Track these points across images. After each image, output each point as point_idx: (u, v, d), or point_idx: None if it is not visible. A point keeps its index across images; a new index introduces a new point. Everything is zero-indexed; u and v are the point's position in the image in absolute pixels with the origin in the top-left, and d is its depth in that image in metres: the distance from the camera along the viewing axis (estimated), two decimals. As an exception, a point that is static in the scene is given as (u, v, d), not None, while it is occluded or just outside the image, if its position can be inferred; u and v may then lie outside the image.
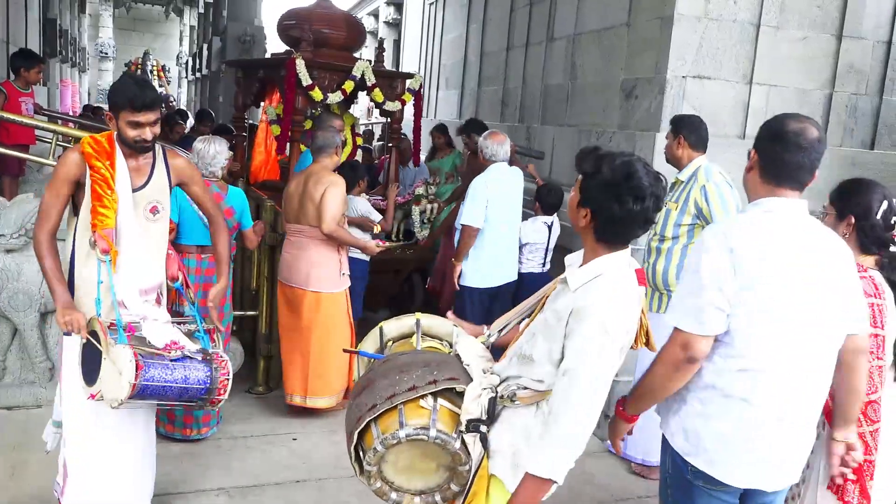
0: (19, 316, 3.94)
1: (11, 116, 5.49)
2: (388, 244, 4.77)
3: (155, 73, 24.28)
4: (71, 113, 13.73)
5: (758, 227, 1.96)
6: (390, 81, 5.70)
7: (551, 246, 4.74)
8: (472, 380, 2.00)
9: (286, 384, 4.21)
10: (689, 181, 3.67)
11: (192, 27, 23.63)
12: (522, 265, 4.73)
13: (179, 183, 2.91)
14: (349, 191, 4.35)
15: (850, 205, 2.39)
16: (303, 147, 5.19)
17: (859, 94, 4.90)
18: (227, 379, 2.60)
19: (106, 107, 18.16)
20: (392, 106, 5.64)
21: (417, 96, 5.88)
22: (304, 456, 3.77)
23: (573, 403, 1.80)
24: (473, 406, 1.94)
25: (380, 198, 5.51)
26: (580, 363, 1.80)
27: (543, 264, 4.76)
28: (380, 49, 6.15)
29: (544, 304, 2.03)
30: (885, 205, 2.36)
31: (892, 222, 2.38)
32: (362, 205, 4.80)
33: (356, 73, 5.36)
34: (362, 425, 1.94)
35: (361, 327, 3.66)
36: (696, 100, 4.50)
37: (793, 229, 1.97)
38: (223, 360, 2.63)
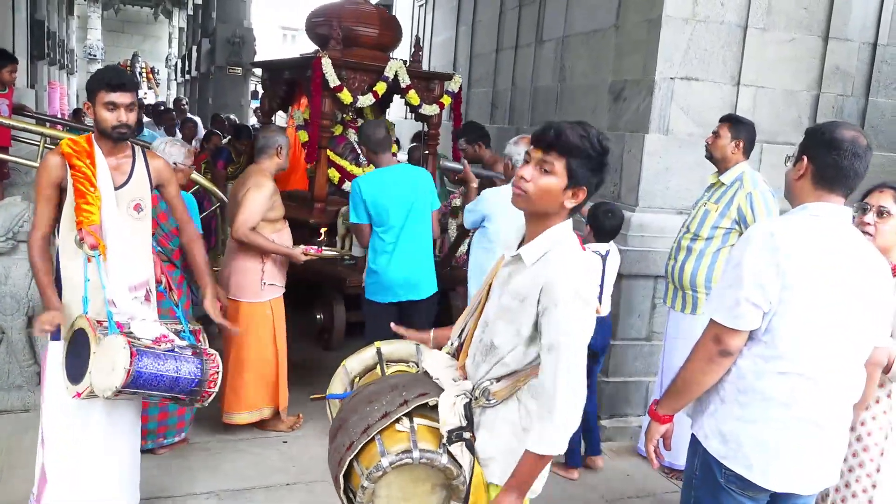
0: (7, 320, 3.92)
1: None
2: (322, 252, 4.05)
3: (144, 75, 24.17)
4: (59, 115, 13.64)
5: (805, 229, 1.97)
6: (427, 83, 5.21)
7: (609, 281, 3.77)
8: (443, 391, 1.96)
9: None
10: (732, 185, 3.66)
11: (181, 29, 23.54)
12: None
13: (158, 183, 2.91)
14: None
15: None
16: (331, 154, 4.86)
17: (846, 95, 4.93)
18: (217, 372, 2.60)
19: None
20: (429, 110, 5.18)
21: (457, 99, 5.39)
22: (294, 459, 3.75)
23: (566, 376, 1.79)
24: (450, 416, 1.90)
25: None
26: (565, 335, 1.79)
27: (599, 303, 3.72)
28: (416, 48, 5.55)
29: (489, 293, 2.01)
30: None
31: None
32: None
33: (388, 73, 4.91)
34: (345, 467, 1.87)
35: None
36: (685, 101, 4.51)
37: (837, 235, 1.98)
38: (212, 355, 2.63)
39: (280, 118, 7.24)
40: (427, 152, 5.53)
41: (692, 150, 4.38)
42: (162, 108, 12.95)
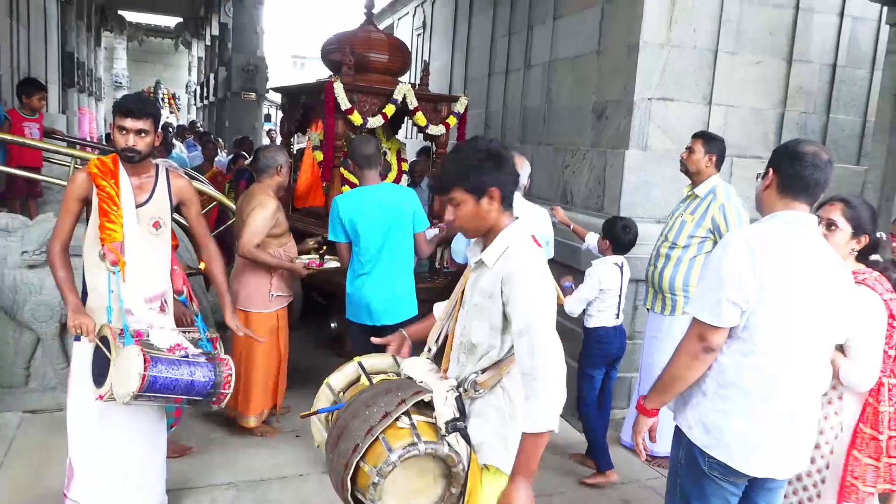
0: (41, 326, 3.92)
1: (11, 138, 5.38)
2: (323, 266, 3.93)
3: (166, 100, 24.21)
4: (88, 138, 13.67)
5: (777, 234, 2.00)
6: (434, 104, 5.12)
7: (624, 292, 3.74)
8: (432, 390, 1.97)
9: None
10: (706, 196, 3.67)
11: (199, 58, 23.59)
12: (592, 317, 3.70)
13: (179, 202, 2.86)
14: None
15: (864, 222, 2.43)
16: (344, 172, 4.76)
17: (808, 112, 4.96)
18: (231, 375, 2.58)
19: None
20: (435, 130, 5.06)
21: (462, 119, 5.26)
22: (308, 451, 3.74)
23: (541, 355, 1.79)
24: (445, 409, 1.92)
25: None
26: (531, 315, 1.81)
27: (617, 315, 3.71)
28: (425, 72, 5.49)
29: (462, 299, 2.03)
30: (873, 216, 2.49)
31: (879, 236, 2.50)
32: None
33: (397, 96, 4.83)
34: (352, 469, 1.84)
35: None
36: (662, 120, 4.53)
37: (806, 240, 2.02)
38: (226, 360, 2.61)
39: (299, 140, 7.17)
40: (436, 170, 5.40)
41: (669, 165, 4.40)
42: (179, 128, 13.05)
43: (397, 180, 5.34)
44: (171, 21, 25.05)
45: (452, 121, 5.11)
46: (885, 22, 4.42)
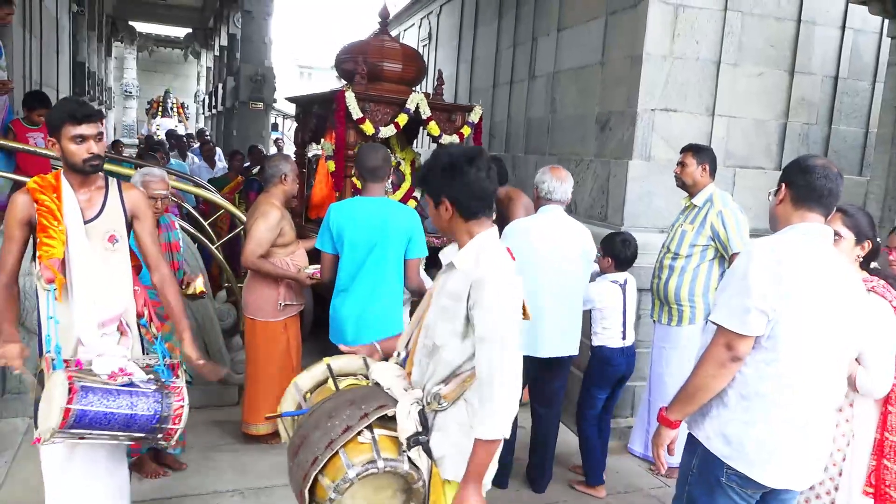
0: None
1: (14, 145, 5.21)
2: None
3: (175, 109, 24.30)
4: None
5: (798, 245, 2.02)
6: (448, 114, 5.00)
7: (629, 310, 3.56)
8: (397, 401, 1.93)
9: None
10: (704, 205, 3.69)
11: (208, 68, 23.73)
12: (597, 335, 3.56)
13: (132, 215, 2.54)
14: None
15: (865, 229, 2.48)
16: (356, 181, 4.49)
17: (811, 123, 4.96)
18: (183, 407, 2.21)
19: (125, 141, 18.02)
20: (449, 140, 4.92)
21: (477, 129, 5.09)
22: (312, 458, 3.74)
23: (500, 363, 1.78)
24: (408, 423, 1.88)
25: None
26: (495, 323, 1.80)
27: (624, 335, 3.55)
28: (439, 81, 5.36)
29: (430, 302, 2.02)
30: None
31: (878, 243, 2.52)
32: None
33: (410, 105, 4.72)
34: (310, 482, 1.79)
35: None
36: (664, 130, 4.54)
37: (824, 252, 2.04)
38: (177, 388, 2.23)
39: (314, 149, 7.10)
40: None
41: (672, 175, 4.40)
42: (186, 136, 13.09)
43: (410, 192, 5.22)
44: (180, 32, 25.24)
45: (467, 131, 5.01)
46: (887, 34, 4.43)
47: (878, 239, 2.57)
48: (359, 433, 1.83)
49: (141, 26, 24.35)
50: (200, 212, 6.62)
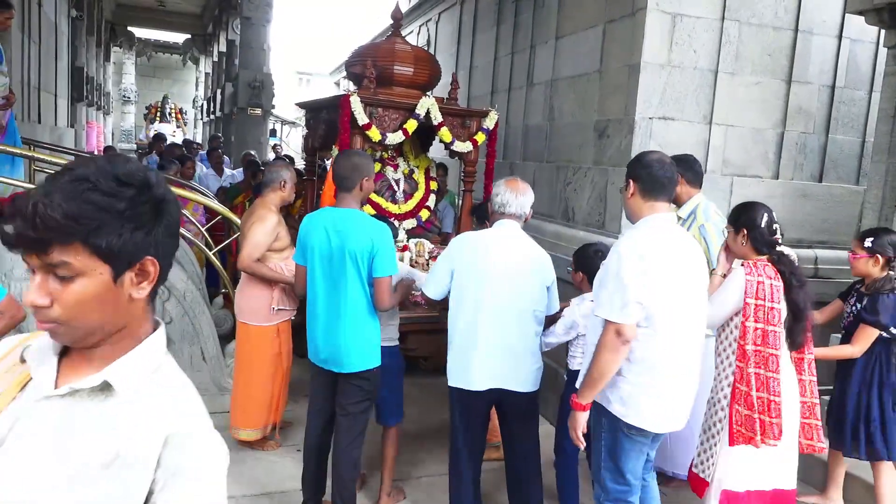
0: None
1: (11, 149, 4.82)
2: None
3: (173, 114, 24.30)
4: (95, 151, 13.74)
5: (652, 238, 2.45)
6: (462, 120, 4.74)
7: None
8: None
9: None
10: (688, 218, 3.61)
11: (206, 74, 23.74)
12: (574, 359, 3.22)
13: None
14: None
15: (741, 221, 2.82)
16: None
17: (808, 132, 4.97)
18: None
19: (123, 145, 17.87)
20: (461, 147, 4.68)
21: (492, 135, 4.86)
22: (308, 466, 3.72)
23: None
24: None
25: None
26: None
27: None
28: (453, 84, 5.00)
29: None
30: (766, 217, 2.78)
31: (774, 229, 2.78)
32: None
33: (419, 110, 4.46)
34: None
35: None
36: (662, 139, 4.54)
37: (672, 236, 2.52)
38: None
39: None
40: (464, 189, 4.95)
41: (669, 183, 4.40)
42: (185, 143, 12.81)
43: (424, 201, 5.03)
44: (179, 37, 25.25)
45: (481, 137, 4.76)
46: (883, 44, 4.43)
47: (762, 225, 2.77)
48: None
49: (140, 32, 24.37)
50: (207, 220, 6.54)
